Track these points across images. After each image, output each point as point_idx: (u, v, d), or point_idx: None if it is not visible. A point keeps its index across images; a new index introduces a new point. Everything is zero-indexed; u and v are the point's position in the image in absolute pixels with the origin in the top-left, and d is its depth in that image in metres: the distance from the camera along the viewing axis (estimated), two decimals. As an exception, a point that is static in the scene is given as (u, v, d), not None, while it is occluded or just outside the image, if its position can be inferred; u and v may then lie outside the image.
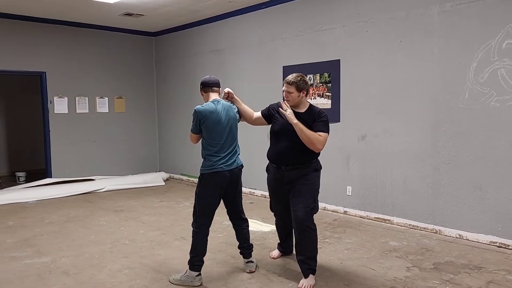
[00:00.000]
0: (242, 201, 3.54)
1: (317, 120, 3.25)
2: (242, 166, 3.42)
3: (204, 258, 3.31)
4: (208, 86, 3.38)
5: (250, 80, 6.49)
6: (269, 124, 3.53)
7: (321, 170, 3.45)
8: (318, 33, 5.48)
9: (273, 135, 3.43)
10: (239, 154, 3.41)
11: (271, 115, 3.48)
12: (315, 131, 3.18)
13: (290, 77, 3.28)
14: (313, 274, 3.24)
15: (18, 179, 7.93)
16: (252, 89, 6.42)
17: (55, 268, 3.62)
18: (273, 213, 3.75)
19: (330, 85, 5.37)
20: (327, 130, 3.24)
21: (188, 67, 7.67)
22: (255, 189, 6.47)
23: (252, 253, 3.56)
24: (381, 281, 3.27)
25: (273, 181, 3.51)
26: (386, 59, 4.80)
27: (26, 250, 4.10)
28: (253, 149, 6.18)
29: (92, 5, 6.16)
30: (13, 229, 4.84)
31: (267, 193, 5.98)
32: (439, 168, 4.43)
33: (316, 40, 5.51)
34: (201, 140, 3.34)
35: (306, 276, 3.22)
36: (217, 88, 3.41)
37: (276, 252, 3.82)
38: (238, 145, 3.43)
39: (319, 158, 3.42)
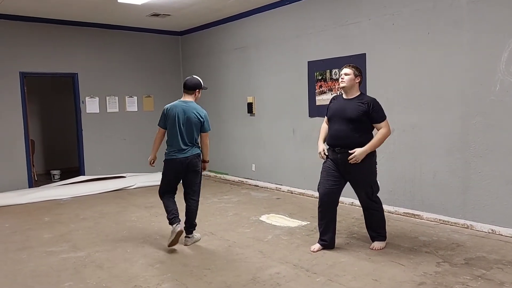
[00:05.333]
0: (200, 188, 4.16)
1: (372, 112, 3.58)
2: (197, 154, 4.02)
3: (174, 212, 3.98)
4: (183, 87, 4.03)
5: (275, 76, 6.50)
6: None
7: None
8: (343, 27, 5.44)
9: (329, 120, 3.80)
10: (196, 147, 4.02)
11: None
12: (378, 121, 3.59)
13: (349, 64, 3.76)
14: (384, 240, 3.86)
15: (53, 177, 8.25)
16: (277, 85, 6.43)
17: (90, 262, 3.76)
18: (318, 194, 3.88)
19: (356, 79, 5.31)
20: (384, 115, 3.65)
21: (213, 65, 7.75)
22: (281, 185, 6.47)
23: (192, 231, 4.14)
24: (411, 276, 3.24)
25: (328, 162, 3.79)
26: (414, 52, 4.72)
27: (62, 245, 4.27)
28: (279, 147, 6.19)
29: (120, 7, 6.32)
30: (49, 225, 5.05)
31: (293, 189, 6.03)
32: (470, 161, 4.33)
33: (342, 34, 5.47)
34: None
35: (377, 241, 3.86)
36: (189, 91, 3.99)
37: (317, 246, 3.82)
38: (196, 142, 4.03)
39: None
